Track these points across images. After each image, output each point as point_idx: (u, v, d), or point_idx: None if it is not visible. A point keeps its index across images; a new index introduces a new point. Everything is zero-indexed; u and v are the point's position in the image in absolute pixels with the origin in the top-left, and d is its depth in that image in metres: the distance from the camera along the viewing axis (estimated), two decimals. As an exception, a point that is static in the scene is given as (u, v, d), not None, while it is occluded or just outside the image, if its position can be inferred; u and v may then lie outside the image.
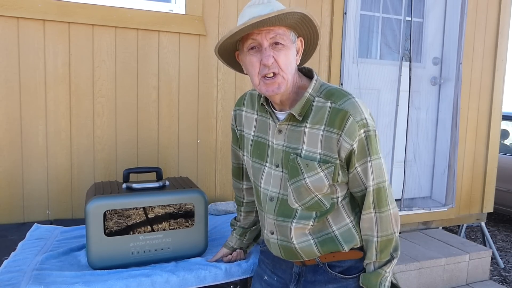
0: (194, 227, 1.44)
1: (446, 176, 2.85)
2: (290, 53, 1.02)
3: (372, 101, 2.67)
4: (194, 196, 1.44)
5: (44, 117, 1.76)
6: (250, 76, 1.04)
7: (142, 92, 1.92)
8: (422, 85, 2.81)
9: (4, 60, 1.68)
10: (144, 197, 1.40)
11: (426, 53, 2.81)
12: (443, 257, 2.34)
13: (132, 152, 1.93)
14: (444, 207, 2.84)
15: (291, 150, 1.06)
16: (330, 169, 1.03)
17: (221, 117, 2.10)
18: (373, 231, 1.07)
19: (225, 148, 2.12)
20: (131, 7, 1.85)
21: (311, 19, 1.01)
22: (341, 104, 1.01)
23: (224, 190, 2.15)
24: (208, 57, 2.03)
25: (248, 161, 1.20)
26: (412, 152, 2.76)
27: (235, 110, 1.25)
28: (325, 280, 1.11)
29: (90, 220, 1.32)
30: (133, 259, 1.37)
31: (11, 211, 1.75)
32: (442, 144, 2.87)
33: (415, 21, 2.74)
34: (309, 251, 1.11)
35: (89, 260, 1.30)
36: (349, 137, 1.00)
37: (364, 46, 2.63)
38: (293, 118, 1.06)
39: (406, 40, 2.63)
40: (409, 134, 2.71)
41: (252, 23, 0.93)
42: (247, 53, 1.02)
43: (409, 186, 2.77)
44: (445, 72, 2.84)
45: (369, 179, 1.04)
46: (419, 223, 2.85)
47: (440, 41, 2.84)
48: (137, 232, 1.36)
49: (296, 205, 1.07)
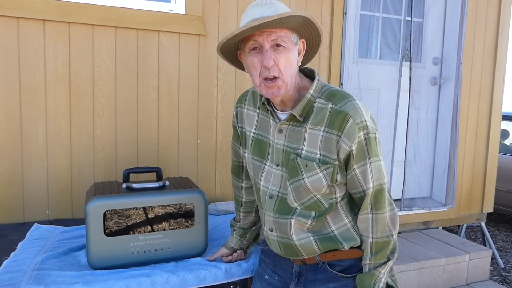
0: (194, 227, 1.44)
1: (446, 176, 2.86)
2: (291, 55, 1.02)
3: (372, 101, 2.67)
4: (194, 196, 1.44)
5: (44, 117, 1.76)
6: (252, 76, 1.05)
7: (142, 92, 1.92)
8: (422, 85, 2.81)
9: (4, 60, 1.68)
10: (144, 197, 1.40)
11: (426, 53, 2.81)
12: (443, 257, 2.34)
13: (132, 152, 1.93)
14: (444, 207, 2.84)
15: (292, 150, 1.07)
16: (329, 170, 1.04)
17: (221, 117, 2.10)
18: (369, 232, 1.08)
19: (225, 148, 2.12)
20: (131, 7, 1.85)
21: (313, 22, 1.01)
22: (341, 106, 1.02)
23: (224, 190, 2.15)
24: (208, 57, 2.03)
25: (248, 158, 1.21)
26: (412, 152, 2.76)
27: (236, 107, 1.26)
28: (325, 279, 1.12)
29: (90, 220, 1.32)
30: (133, 259, 1.37)
31: (11, 211, 1.75)
32: (442, 144, 2.87)
33: (415, 21, 2.74)
34: (308, 248, 1.11)
35: (89, 260, 1.30)
36: (348, 139, 1.00)
37: (364, 46, 2.63)
38: (294, 118, 1.07)
39: (406, 40, 2.63)
40: (409, 134, 2.71)
41: (254, 25, 0.94)
42: (249, 53, 1.03)
43: (409, 186, 2.77)
44: (445, 72, 2.84)
45: (368, 181, 1.04)
46: (419, 223, 2.85)
47: (440, 41, 2.84)
48: (137, 232, 1.36)
49: (295, 204, 1.09)
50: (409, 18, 2.57)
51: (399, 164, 2.74)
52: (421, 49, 2.80)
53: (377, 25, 2.64)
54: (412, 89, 2.67)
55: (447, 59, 2.82)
